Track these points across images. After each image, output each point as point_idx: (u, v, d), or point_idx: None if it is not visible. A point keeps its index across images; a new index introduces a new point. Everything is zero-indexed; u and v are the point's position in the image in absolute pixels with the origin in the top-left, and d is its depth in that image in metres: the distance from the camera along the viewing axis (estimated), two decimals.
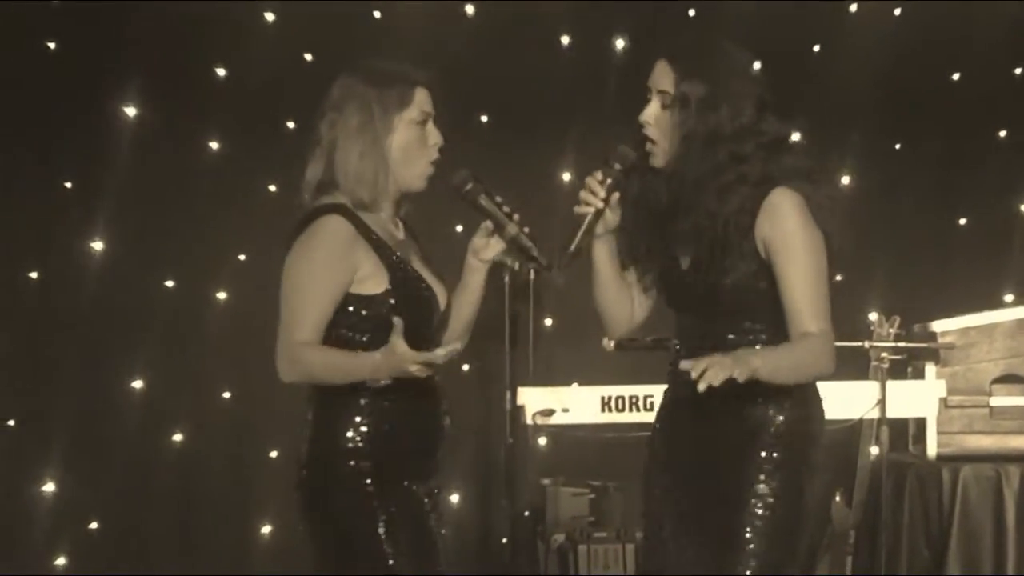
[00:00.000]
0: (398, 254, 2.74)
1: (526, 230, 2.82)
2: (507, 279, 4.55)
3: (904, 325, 4.67)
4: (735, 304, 2.73)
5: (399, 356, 2.49)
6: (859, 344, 4.48)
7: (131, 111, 5.25)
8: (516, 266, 4.58)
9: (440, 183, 2.88)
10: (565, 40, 5.55)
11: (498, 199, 2.85)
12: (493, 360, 4.79)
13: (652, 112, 2.78)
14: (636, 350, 4.15)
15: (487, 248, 2.86)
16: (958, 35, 5.49)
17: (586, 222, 2.79)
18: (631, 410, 4.64)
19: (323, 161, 2.73)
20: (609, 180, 2.79)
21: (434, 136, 2.81)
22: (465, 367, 5.42)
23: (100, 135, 5.22)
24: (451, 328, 2.90)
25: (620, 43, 5.55)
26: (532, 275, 4.64)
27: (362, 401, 2.66)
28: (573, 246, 2.78)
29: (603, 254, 2.88)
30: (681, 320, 2.86)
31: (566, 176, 5.46)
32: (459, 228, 4.81)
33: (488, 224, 2.84)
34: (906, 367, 4.82)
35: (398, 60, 2.84)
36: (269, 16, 5.31)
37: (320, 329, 2.63)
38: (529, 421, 4.65)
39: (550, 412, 4.66)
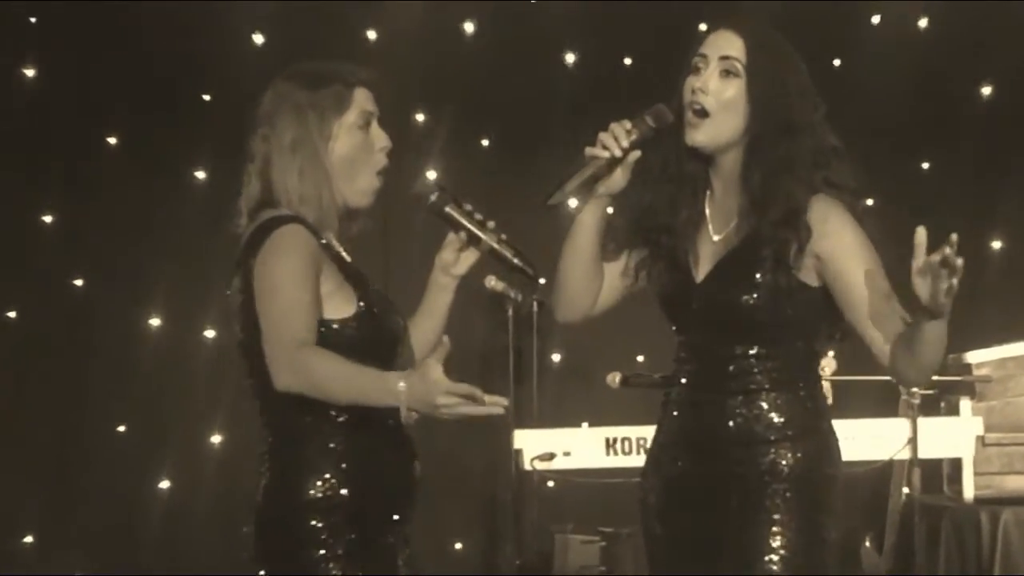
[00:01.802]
0: (357, 272, 2.54)
1: (504, 237, 2.62)
2: (510, 312, 4.55)
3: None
4: (754, 327, 2.51)
5: (432, 384, 2.22)
6: (887, 378, 4.38)
7: (113, 140, 5.26)
8: (519, 297, 4.58)
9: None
10: (570, 58, 5.52)
11: (468, 207, 2.64)
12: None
13: (710, 79, 2.52)
14: (644, 387, 4.10)
15: (458, 263, 2.67)
16: (988, 46, 5.42)
17: (594, 166, 2.52)
18: (638, 453, 4.47)
19: (259, 181, 2.53)
20: (637, 134, 2.52)
21: (380, 139, 2.60)
22: None
23: (81, 166, 5.22)
24: (414, 357, 2.67)
25: (628, 61, 5.56)
26: (536, 307, 4.63)
27: (330, 445, 2.45)
28: (570, 185, 2.53)
29: (590, 218, 2.61)
30: (683, 339, 2.62)
31: (572, 202, 5.42)
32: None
33: (460, 236, 2.64)
34: (939, 402, 4.69)
35: (338, 61, 2.60)
36: (258, 39, 5.31)
37: (314, 331, 2.41)
38: (527, 466, 4.48)
39: (550, 456, 4.51)
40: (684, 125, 2.54)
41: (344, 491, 2.44)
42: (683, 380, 2.61)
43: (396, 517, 2.51)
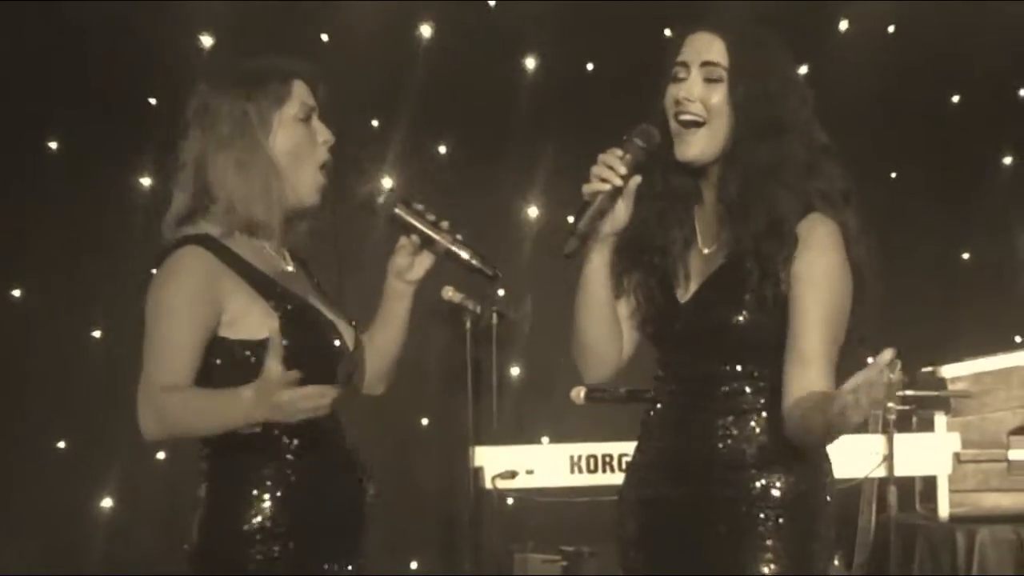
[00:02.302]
0: (282, 287, 2.42)
1: (459, 238, 2.52)
2: (468, 324, 4.49)
3: (907, 370, 4.55)
4: (741, 346, 2.41)
5: (272, 384, 2.15)
6: None
7: (54, 145, 5.14)
8: (478, 309, 4.53)
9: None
10: (530, 63, 5.46)
11: (419, 207, 2.53)
12: (454, 414, 4.69)
13: (694, 86, 2.41)
14: (609, 402, 4.03)
15: (413, 268, 2.55)
16: (958, 54, 5.41)
17: (598, 201, 2.39)
18: (604, 471, 4.37)
19: (191, 187, 2.42)
20: (631, 158, 2.41)
21: (322, 133, 2.50)
22: (424, 421, 5.31)
23: (19, 171, 5.11)
24: (374, 370, 2.60)
25: (590, 66, 5.51)
26: (496, 319, 4.57)
27: (265, 471, 2.34)
28: (583, 225, 2.38)
29: (599, 263, 2.47)
30: (666, 359, 2.51)
31: (532, 211, 5.39)
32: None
33: (412, 239, 2.52)
34: (910, 418, 4.65)
35: (272, 55, 2.51)
36: (206, 41, 5.21)
37: (187, 375, 2.30)
38: (488, 485, 4.38)
39: (512, 474, 4.41)
40: (671, 140, 2.43)
41: (285, 519, 2.33)
42: (665, 399, 2.50)
43: (342, 546, 2.41)
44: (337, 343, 2.45)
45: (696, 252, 2.50)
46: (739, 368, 2.41)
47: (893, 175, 5.58)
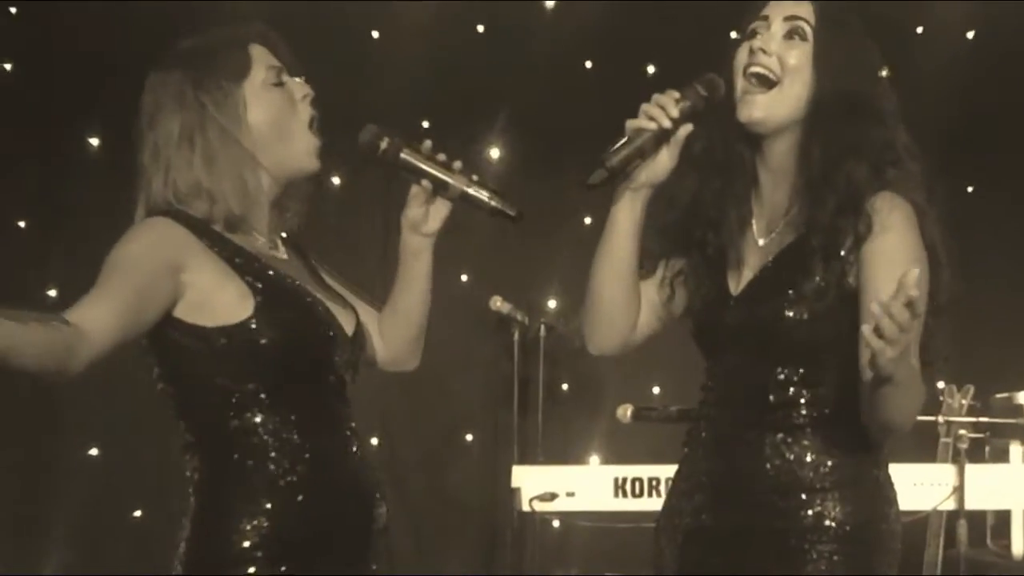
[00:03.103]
0: (265, 263, 2.23)
1: (476, 178, 2.34)
2: (516, 337, 4.45)
3: (980, 396, 4.36)
4: (797, 346, 2.22)
5: None
6: (930, 419, 4.16)
7: (95, 141, 5.18)
8: (526, 320, 4.49)
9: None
10: (588, 64, 5.43)
11: (427, 146, 2.35)
12: (500, 430, 4.67)
13: (772, 40, 2.25)
14: (658, 421, 3.96)
15: (428, 218, 2.37)
16: None
17: (641, 139, 2.23)
18: (651, 495, 4.21)
19: (159, 192, 2.20)
20: (687, 103, 2.24)
21: (299, 89, 2.31)
22: (468, 437, 5.29)
23: (59, 170, 5.15)
24: (401, 339, 2.44)
25: (651, 69, 5.47)
26: (544, 332, 4.52)
27: (259, 484, 2.14)
28: (613, 160, 2.22)
29: (627, 216, 2.30)
30: (714, 363, 2.35)
31: (587, 220, 5.35)
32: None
33: (424, 185, 2.34)
34: (983, 447, 4.49)
35: (217, 26, 2.31)
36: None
37: (107, 326, 1.98)
38: (525, 507, 4.21)
39: (551, 496, 4.22)
40: (735, 101, 2.27)
41: (276, 550, 2.14)
42: (711, 413, 2.32)
43: (351, 569, 2.21)
44: (329, 329, 2.24)
45: (750, 241, 2.34)
46: (794, 374, 2.24)
47: (970, 189, 5.48)
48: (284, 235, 2.37)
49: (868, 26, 2.42)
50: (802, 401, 2.25)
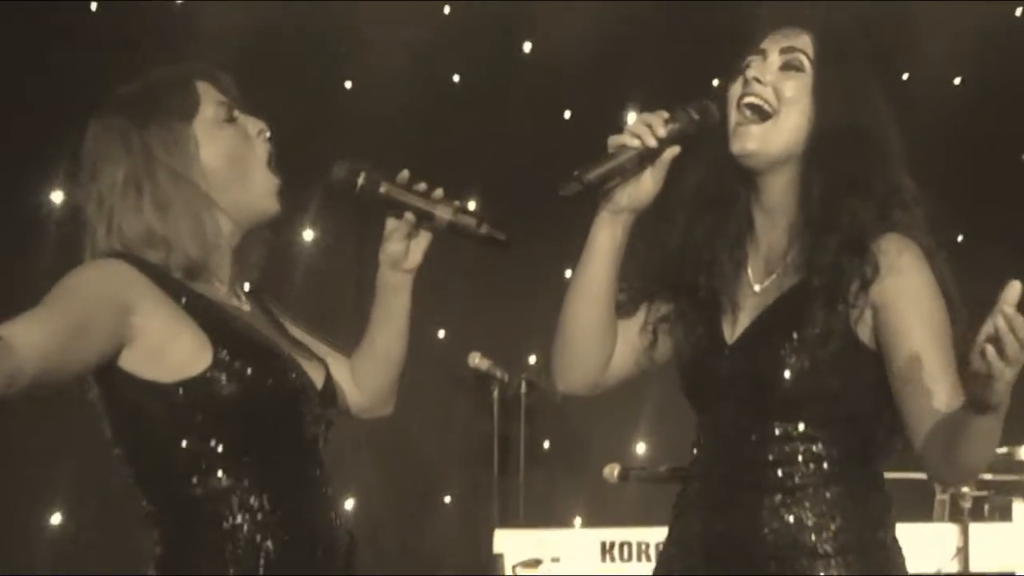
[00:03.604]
0: (226, 312, 2.13)
1: (460, 205, 2.26)
2: (496, 394, 4.42)
3: None
4: (799, 398, 2.12)
5: None
6: (919, 475, 4.19)
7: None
8: (506, 377, 4.46)
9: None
10: (567, 114, 5.44)
11: (403, 177, 2.26)
12: (479, 492, 4.61)
13: (769, 69, 2.19)
14: (647, 481, 3.94)
15: (410, 253, 2.28)
16: None
17: (622, 156, 2.15)
18: (640, 559, 4.11)
19: (103, 241, 2.11)
20: (676, 125, 2.16)
21: (253, 124, 2.22)
22: (447, 499, 5.23)
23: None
24: (378, 383, 2.35)
25: (632, 116, 5.46)
26: (525, 389, 4.49)
27: (227, 557, 2.02)
28: (592, 174, 2.15)
29: (606, 239, 2.22)
30: (706, 417, 2.24)
31: (568, 273, 5.31)
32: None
33: (407, 218, 2.24)
34: (982, 505, 4.40)
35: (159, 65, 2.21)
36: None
37: (36, 348, 1.84)
38: (508, 573, 4.09)
39: (535, 562, 4.11)
40: (729, 134, 2.19)
41: None
42: (702, 472, 2.21)
43: None
44: (296, 382, 2.14)
45: (745, 286, 2.25)
46: (794, 429, 2.13)
47: (960, 238, 5.49)
48: (246, 287, 2.26)
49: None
50: (803, 459, 2.14)
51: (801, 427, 2.14)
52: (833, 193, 2.15)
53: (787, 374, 2.12)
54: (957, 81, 5.45)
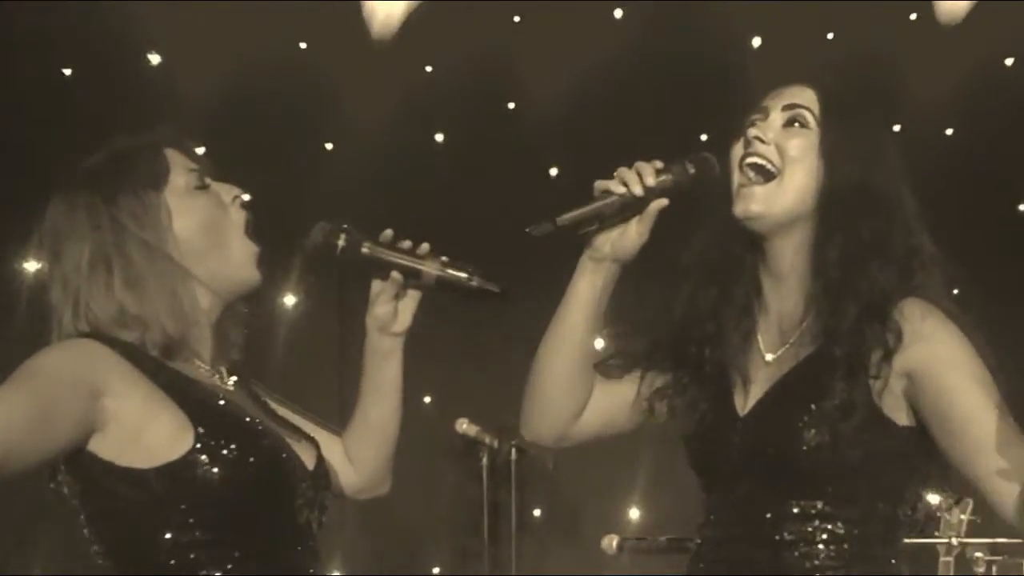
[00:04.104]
0: (207, 391, 2.02)
1: (446, 259, 2.18)
2: (485, 461, 4.39)
3: (980, 510, 4.36)
4: (819, 474, 2.03)
5: None
6: (928, 541, 3.99)
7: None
8: (495, 444, 4.43)
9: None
10: (553, 171, 5.43)
11: (386, 236, 2.19)
12: (469, 562, 4.57)
13: (771, 127, 2.12)
14: (646, 552, 3.90)
15: (399, 315, 2.20)
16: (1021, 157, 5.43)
17: (603, 202, 2.10)
18: None
19: (69, 326, 2.00)
20: (669, 177, 2.10)
21: (227, 191, 2.13)
22: (435, 570, 5.18)
23: None
24: (372, 458, 2.25)
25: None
26: (515, 455, 4.46)
27: None
28: (568, 216, 2.10)
29: (586, 287, 2.18)
30: (716, 495, 2.14)
31: None
32: None
33: (394, 277, 2.16)
34: (990, 567, 4.47)
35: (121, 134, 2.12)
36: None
37: (15, 448, 1.78)
38: None
39: None
40: (733, 196, 2.12)
41: None
42: (711, 553, 2.12)
43: None
44: (286, 463, 2.02)
45: (756, 357, 2.16)
46: (812, 506, 2.04)
47: (955, 292, 5.50)
48: (226, 367, 2.14)
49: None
50: (822, 539, 2.04)
51: (820, 505, 2.04)
52: (850, 256, 2.07)
53: (807, 448, 2.02)
54: (949, 132, 5.48)
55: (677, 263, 2.19)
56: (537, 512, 5.18)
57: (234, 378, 2.13)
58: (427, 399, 5.04)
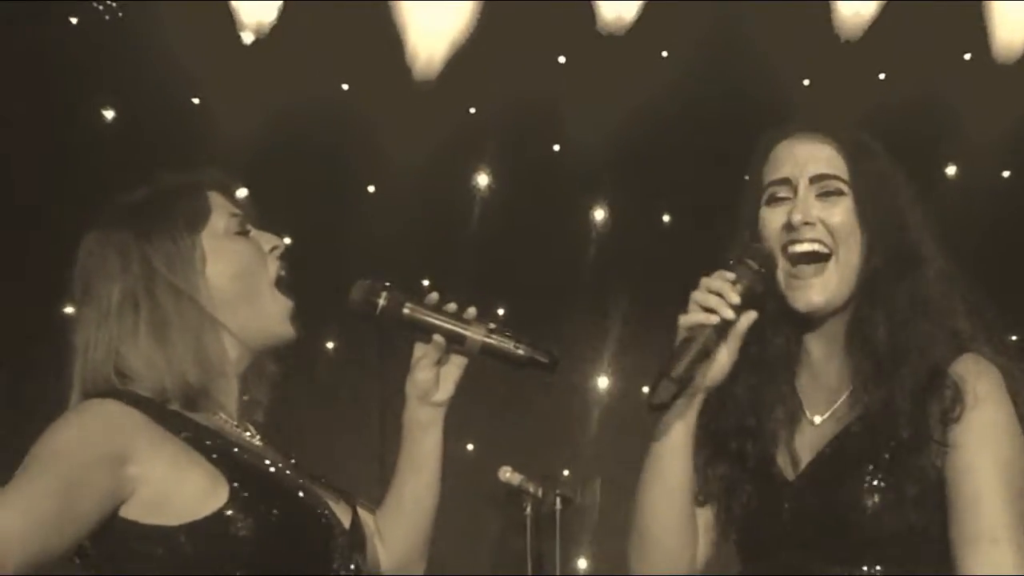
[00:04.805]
0: (239, 447, 1.93)
1: (494, 326, 2.05)
2: (528, 510, 4.36)
3: None
4: (877, 539, 1.95)
5: None
6: None
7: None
8: (539, 493, 4.41)
9: None
10: (600, 215, 5.51)
11: (432, 298, 2.05)
12: None
13: (807, 201, 2.01)
14: None
15: (441, 383, 2.09)
16: None
17: (703, 337, 1.97)
18: None
19: (98, 371, 1.92)
20: (745, 283, 1.98)
21: (268, 240, 2.05)
22: None
23: None
24: (407, 539, 2.14)
25: (667, 217, 5.49)
26: (560, 504, 4.44)
27: None
28: (681, 368, 1.95)
29: (683, 430, 2.03)
30: (761, 564, 2.06)
31: (602, 382, 5.31)
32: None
33: (435, 342, 2.05)
34: None
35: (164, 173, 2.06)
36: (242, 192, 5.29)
37: (22, 541, 1.68)
38: None
39: None
40: (781, 285, 2.03)
41: None
42: None
43: None
44: (323, 519, 1.94)
45: (804, 424, 2.08)
46: (874, 572, 1.96)
47: (1013, 337, 5.45)
48: (252, 425, 2.06)
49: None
50: None
51: (880, 568, 1.96)
52: (899, 324, 1.99)
53: (868, 509, 1.95)
54: (1006, 174, 5.44)
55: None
56: (582, 563, 5.15)
57: (259, 437, 2.04)
58: (470, 447, 5.03)
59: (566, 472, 5.02)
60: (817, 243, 2.02)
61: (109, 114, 5.15)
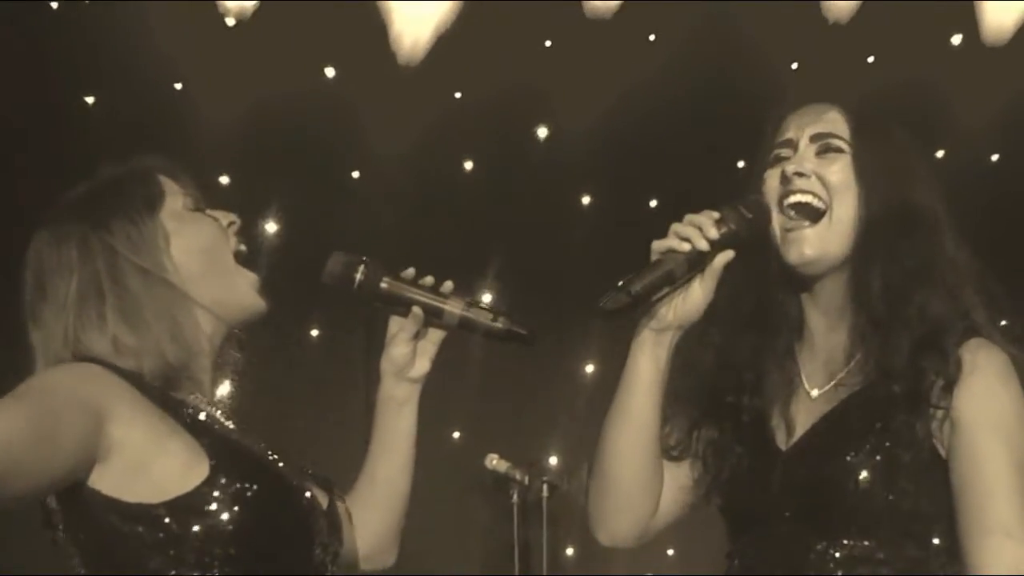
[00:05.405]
0: (220, 424, 1.92)
1: (472, 300, 2.06)
2: (515, 498, 4.38)
3: None
4: (872, 512, 1.94)
5: None
6: None
7: None
8: (525, 480, 4.43)
9: None
10: (586, 200, 5.51)
11: (408, 274, 2.07)
12: None
13: (806, 157, 2.03)
14: None
15: (417, 359, 2.08)
16: None
17: (671, 263, 1.98)
18: None
19: (58, 356, 1.88)
20: (731, 226, 2.00)
21: (224, 215, 2.05)
22: None
23: None
24: (378, 525, 2.11)
25: (654, 203, 5.50)
26: (547, 492, 4.45)
27: None
28: (639, 285, 1.96)
29: (648, 364, 2.03)
30: (749, 537, 2.05)
31: (588, 369, 5.32)
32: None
33: (413, 315, 2.04)
34: None
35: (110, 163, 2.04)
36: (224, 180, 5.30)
37: (13, 461, 1.64)
38: None
39: None
40: (775, 241, 2.04)
41: None
42: None
43: None
44: (305, 500, 1.93)
45: (801, 394, 2.07)
46: (861, 547, 1.95)
47: (1003, 323, 5.48)
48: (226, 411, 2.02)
49: None
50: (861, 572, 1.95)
51: (868, 544, 1.95)
52: (894, 285, 1.99)
53: (858, 482, 1.94)
54: (994, 158, 5.47)
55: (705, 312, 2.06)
56: (570, 551, 5.17)
57: (233, 421, 2.01)
58: (456, 434, 5.04)
59: (553, 459, 5.04)
60: (810, 195, 2.03)
61: (90, 100, 5.14)
